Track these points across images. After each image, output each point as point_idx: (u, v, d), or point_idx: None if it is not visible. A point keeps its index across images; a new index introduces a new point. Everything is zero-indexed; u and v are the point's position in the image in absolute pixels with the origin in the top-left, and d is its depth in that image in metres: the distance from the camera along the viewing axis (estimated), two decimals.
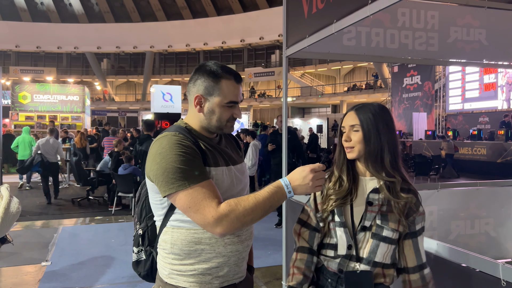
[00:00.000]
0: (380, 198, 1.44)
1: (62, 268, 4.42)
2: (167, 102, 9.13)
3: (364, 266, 1.44)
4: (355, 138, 1.47)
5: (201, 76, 1.44)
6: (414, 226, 1.46)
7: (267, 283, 3.98)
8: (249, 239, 1.49)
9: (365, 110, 1.49)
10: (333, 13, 2.49)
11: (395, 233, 1.43)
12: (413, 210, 1.45)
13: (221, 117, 1.44)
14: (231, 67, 1.77)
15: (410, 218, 1.45)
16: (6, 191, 2.50)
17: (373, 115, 1.47)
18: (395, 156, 1.47)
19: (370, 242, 1.43)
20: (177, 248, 1.37)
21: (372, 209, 1.44)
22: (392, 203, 1.43)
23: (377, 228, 1.43)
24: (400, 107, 21.29)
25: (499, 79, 16.95)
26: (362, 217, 1.45)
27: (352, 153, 1.48)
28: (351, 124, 1.49)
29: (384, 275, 1.45)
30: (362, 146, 1.46)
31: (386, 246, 1.43)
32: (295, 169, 1.41)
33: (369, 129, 1.46)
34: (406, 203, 1.44)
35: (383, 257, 1.44)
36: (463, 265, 1.65)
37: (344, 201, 1.48)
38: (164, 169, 1.31)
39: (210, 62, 1.47)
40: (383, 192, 1.44)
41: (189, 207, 1.30)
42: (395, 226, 1.43)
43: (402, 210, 1.43)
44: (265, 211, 1.33)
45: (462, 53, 3.67)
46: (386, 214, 1.43)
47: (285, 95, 3.48)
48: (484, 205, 3.62)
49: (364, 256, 1.44)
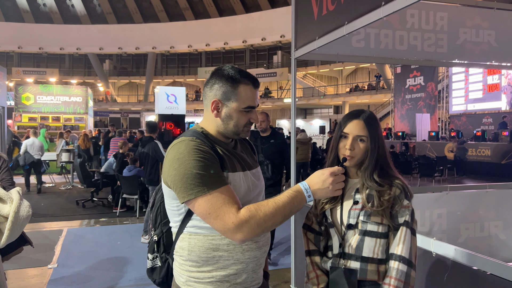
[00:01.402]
0: (364, 196, 1.49)
1: (68, 271, 4.41)
2: (172, 103, 9.11)
3: (354, 263, 1.47)
4: (359, 148, 1.51)
5: (219, 81, 1.41)
6: (397, 219, 1.47)
7: (275, 286, 3.96)
8: (266, 245, 1.47)
9: (372, 122, 1.52)
10: (344, 14, 2.47)
11: (381, 227, 1.46)
12: (396, 202, 1.47)
13: (239, 122, 1.42)
14: None
15: (394, 212, 1.47)
16: (17, 195, 2.48)
17: (377, 128, 1.52)
18: (384, 165, 1.52)
19: (357, 238, 1.47)
20: (195, 255, 1.35)
21: (356, 207, 1.49)
22: (373, 199, 1.47)
23: (362, 224, 1.47)
24: (403, 108, 21.24)
25: (502, 80, 16.90)
26: (347, 215, 1.50)
27: (351, 162, 1.52)
28: (358, 134, 1.51)
29: (378, 272, 1.46)
30: (362, 157, 1.51)
31: (373, 240, 1.46)
32: (314, 172, 1.40)
33: (375, 143, 1.50)
34: (389, 198, 1.47)
35: (373, 252, 1.46)
36: (474, 268, 1.64)
37: (334, 203, 1.54)
38: (182, 175, 1.29)
39: (227, 66, 1.44)
40: (364, 191, 1.49)
41: (208, 213, 1.28)
42: (379, 220, 1.46)
43: (384, 205, 1.45)
44: (285, 216, 1.32)
45: (471, 54, 3.65)
46: (369, 210, 1.47)
47: (293, 97, 3.47)
48: (493, 208, 3.60)
49: (352, 253, 1.48)
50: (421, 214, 3.36)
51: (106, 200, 8.45)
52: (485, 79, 17.59)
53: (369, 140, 1.49)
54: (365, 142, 1.50)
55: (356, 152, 1.50)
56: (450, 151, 12.76)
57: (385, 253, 1.47)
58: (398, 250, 1.43)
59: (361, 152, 1.50)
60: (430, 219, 3.44)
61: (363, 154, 1.50)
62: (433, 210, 3.46)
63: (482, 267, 1.61)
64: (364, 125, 1.50)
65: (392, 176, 1.52)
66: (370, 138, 1.49)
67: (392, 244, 1.45)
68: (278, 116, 33.44)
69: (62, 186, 10.72)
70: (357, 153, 1.50)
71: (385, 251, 1.47)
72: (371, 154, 1.49)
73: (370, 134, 1.49)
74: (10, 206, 2.47)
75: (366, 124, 1.50)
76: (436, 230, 3.45)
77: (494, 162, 12.78)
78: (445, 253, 1.77)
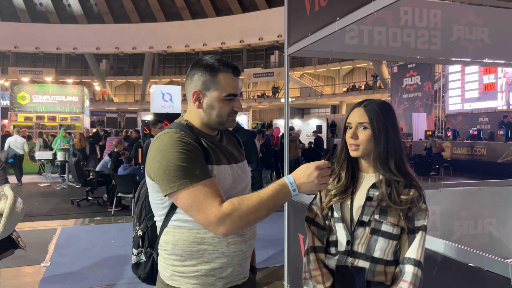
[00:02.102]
0: (380, 193, 1.40)
1: (61, 269, 4.38)
2: (167, 102, 9.10)
3: (363, 263, 1.40)
4: (362, 136, 1.43)
5: (198, 71, 1.40)
6: (414, 222, 1.40)
7: (269, 283, 3.94)
8: (253, 238, 1.46)
9: (373, 107, 1.44)
10: (336, 10, 2.46)
11: (396, 228, 1.39)
12: (414, 205, 1.40)
13: (221, 111, 1.40)
14: None
15: (410, 214, 1.40)
16: (10, 191, 2.48)
17: (382, 113, 1.43)
18: (401, 156, 1.44)
19: (368, 237, 1.40)
20: (179, 249, 1.34)
21: (371, 204, 1.41)
22: (393, 197, 1.39)
23: (376, 223, 1.39)
24: (400, 108, 21.26)
25: (498, 79, 16.94)
26: (361, 212, 1.42)
27: (357, 152, 1.44)
28: (359, 121, 1.44)
29: (385, 273, 1.40)
30: (368, 145, 1.42)
31: (386, 241, 1.39)
32: (300, 166, 1.38)
33: (378, 127, 1.42)
34: (407, 199, 1.39)
35: (384, 253, 1.40)
36: (471, 264, 1.63)
37: (344, 196, 1.46)
38: (165, 167, 1.27)
39: (207, 56, 1.43)
40: (383, 187, 1.40)
41: (191, 206, 1.26)
42: (395, 221, 1.38)
43: (403, 204, 1.39)
44: (269, 210, 1.30)
45: (465, 51, 3.64)
46: (385, 209, 1.39)
47: (286, 95, 3.45)
48: (487, 205, 3.59)
49: (362, 252, 1.40)
50: None
51: (101, 199, 8.42)
52: (481, 79, 17.63)
53: (372, 126, 1.41)
54: (368, 128, 1.42)
55: (360, 140, 1.42)
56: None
57: (394, 255, 1.42)
58: (417, 256, 1.38)
59: (366, 140, 1.42)
60: None
61: (369, 142, 1.42)
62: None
63: (480, 264, 1.60)
64: (364, 111, 1.44)
65: (409, 174, 1.44)
66: (372, 123, 1.41)
67: (410, 248, 1.38)
68: (276, 116, 33.44)
69: (57, 185, 10.69)
70: (361, 141, 1.42)
71: (394, 253, 1.42)
72: (376, 140, 1.41)
73: (371, 120, 1.42)
74: (5, 202, 2.48)
75: (366, 110, 1.43)
76: (430, 227, 3.43)
77: (490, 161, 12.81)
78: (435, 248, 1.76)
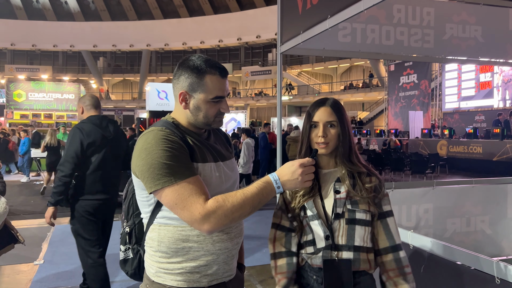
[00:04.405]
0: (346, 185, 1.49)
1: (54, 267, 4.38)
2: (163, 100, 9.10)
3: (347, 253, 1.45)
4: (331, 134, 1.51)
5: (185, 72, 1.39)
6: (382, 208, 1.51)
7: (262, 281, 3.95)
8: (239, 236, 1.46)
9: (339, 107, 1.55)
10: (328, 8, 2.46)
11: (368, 214, 1.48)
12: (378, 191, 1.51)
13: (208, 113, 1.41)
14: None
15: (377, 200, 1.50)
16: None
17: (344, 112, 1.55)
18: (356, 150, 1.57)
19: (346, 228, 1.46)
20: (164, 246, 1.34)
21: (340, 197, 1.49)
22: (358, 187, 1.48)
23: (350, 212, 1.46)
24: (397, 106, 21.31)
25: (494, 78, 16.99)
26: (333, 205, 1.48)
27: (327, 149, 1.51)
28: (328, 120, 1.52)
29: (368, 261, 1.47)
30: (335, 142, 1.51)
31: (363, 228, 1.47)
32: (284, 163, 1.38)
33: (344, 126, 1.52)
34: (371, 186, 1.50)
35: (363, 240, 1.47)
36: (458, 262, 1.64)
37: (312, 194, 1.51)
38: (149, 165, 1.27)
39: (194, 56, 1.42)
40: (346, 179, 1.50)
41: (175, 203, 1.26)
42: (366, 207, 1.48)
43: (369, 192, 1.49)
44: (254, 207, 1.30)
45: (458, 50, 3.65)
46: (354, 199, 1.48)
47: (279, 93, 3.45)
48: (480, 203, 3.60)
49: (344, 243, 1.46)
50: (407, 209, 3.36)
51: None
52: (478, 77, 17.68)
53: (339, 124, 1.51)
54: (336, 127, 1.52)
55: (329, 138, 1.51)
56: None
57: (371, 241, 1.49)
58: (397, 240, 1.50)
59: (334, 138, 1.51)
60: (416, 214, 3.44)
61: (336, 140, 1.51)
62: (419, 205, 3.47)
63: (466, 262, 1.61)
64: (332, 110, 1.53)
65: (365, 164, 1.56)
66: (340, 122, 1.52)
67: (387, 235, 1.49)
68: (273, 114, 33.44)
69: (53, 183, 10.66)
70: (330, 139, 1.51)
71: (371, 240, 1.49)
72: (343, 138, 1.51)
73: (339, 118, 1.52)
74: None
75: (333, 109, 1.53)
76: (423, 225, 3.46)
77: (485, 159, 12.85)
78: (422, 245, 1.77)
